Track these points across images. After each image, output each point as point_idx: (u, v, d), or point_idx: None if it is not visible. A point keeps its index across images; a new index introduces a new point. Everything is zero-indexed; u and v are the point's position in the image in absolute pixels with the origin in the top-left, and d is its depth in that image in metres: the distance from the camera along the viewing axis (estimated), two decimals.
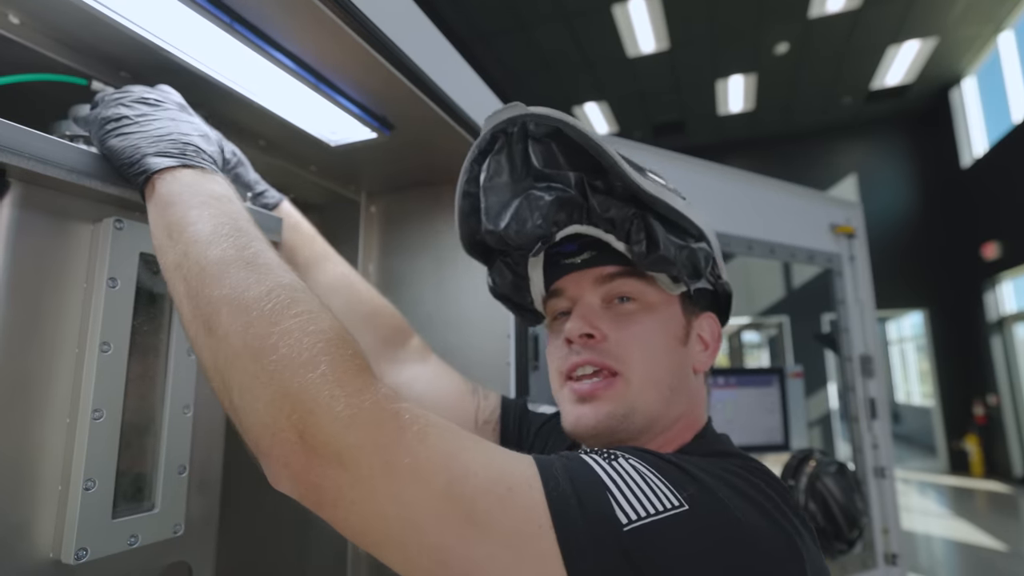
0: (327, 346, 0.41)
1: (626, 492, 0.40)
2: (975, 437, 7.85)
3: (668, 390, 0.58)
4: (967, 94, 8.15)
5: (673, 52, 7.02)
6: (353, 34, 0.71)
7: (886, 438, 1.65)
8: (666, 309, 0.60)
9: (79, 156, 0.53)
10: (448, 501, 0.37)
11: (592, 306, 0.59)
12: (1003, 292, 7.58)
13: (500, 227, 0.55)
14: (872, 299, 1.75)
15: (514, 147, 0.55)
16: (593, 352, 0.57)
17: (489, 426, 0.76)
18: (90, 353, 0.53)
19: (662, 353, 0.58)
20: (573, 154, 0.54)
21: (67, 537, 0.49)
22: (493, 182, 0.56)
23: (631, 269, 0.58)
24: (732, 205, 1.56)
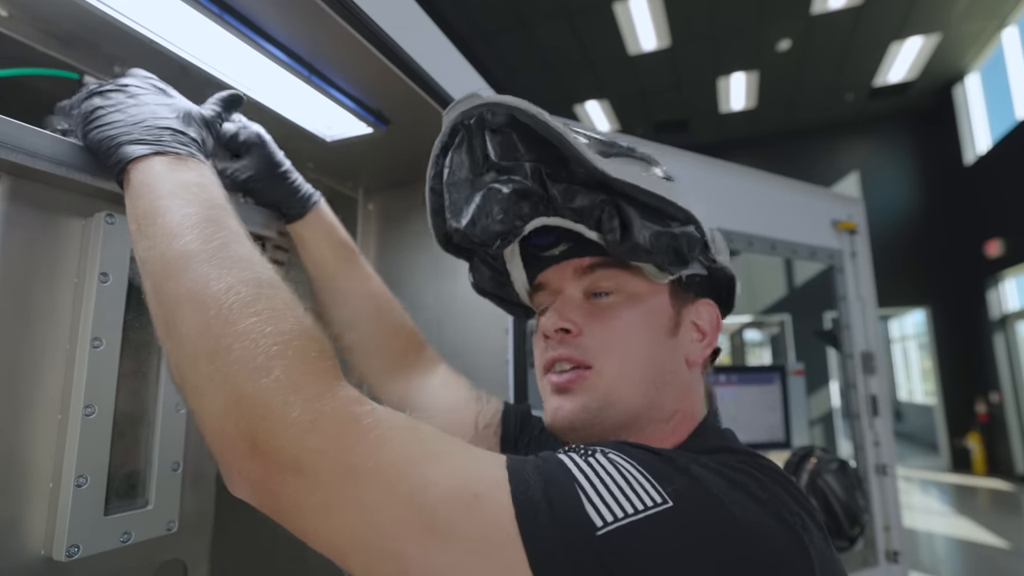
0: (284, 348, 0.40)
1: (601, 491, 0.37)
2: (977, 435, 7.83)
3: (650, 384, 0.54)
4: (970, 91, 8.11)
5: (674, 50, 7.00)
6: (347, 26, 0.70)
7: (888, 435, 1.64)
8: (651, 299, 0.56)
9: (69, 150, 0.53)
10: (410, 508, 0.36)
11: (572, 299, 0.56)
12: (1006, 290, 7.55)
13: (463, 224, 0.52)
14: (874, 296, 1.74)
15: (474, 140, 0.53)
16: (568, 347, 0.55)
17: (490, 430, 0.76)
18: (81, 349, 0.52)
19: (642, 346, 0.55)
20: (534, 142, 0.51)
21: (58, 534, 0.49)
22: (454, 178, 0.54)
23: (612, 259, 0.55)
24: (733, 201, 1.56)
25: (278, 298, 0.43)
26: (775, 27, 6.62)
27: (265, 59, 0.73)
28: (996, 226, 7.42)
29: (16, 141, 0.48)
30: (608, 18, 6.32)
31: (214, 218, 0.47)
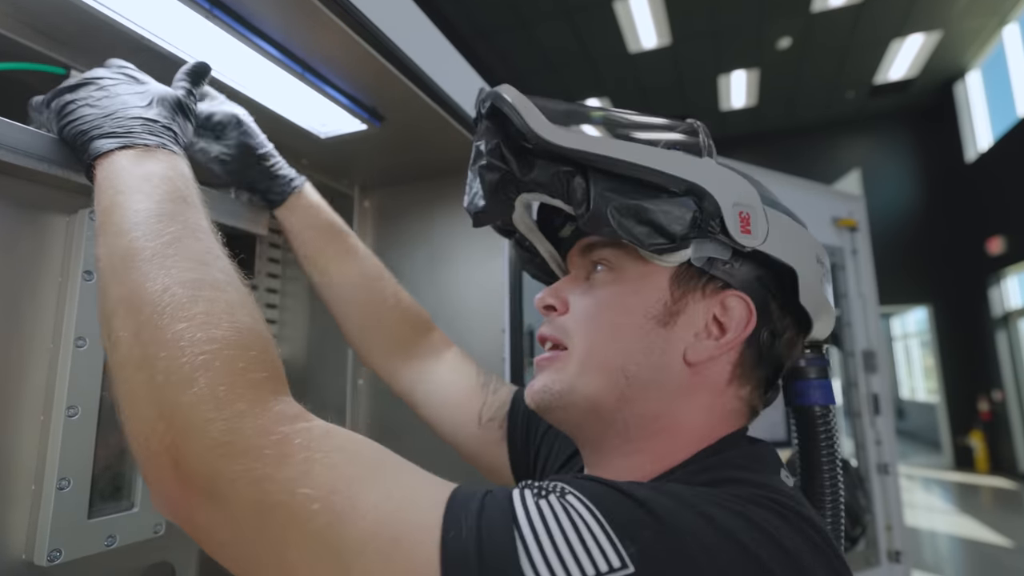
0: (212, 358, 0.36)
1: (544, 545, 0.31)
2: (980, 433, 7.81)
3: (618, 373, 0.48)
4: (971, 88, 8.08)
5: (675, 47, 6.98)
6: (339, 22, 0.69)
7: (889, 434, 1.63)
8: (641, 281, 0.50)
9: (52, 145, 0.52)
10: (324, 548, 0.32)
11: (571, 279, 0.55)
12: (1008, 287, 7.53)
13: (465, 206, 0.53)
14: (875, 293, 1.73)
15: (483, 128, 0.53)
16: (550, 326, 0.53)
17: (494, 423, 0.72)
18: (65, 348, 0.51)
19: (616, 330, 0.49)
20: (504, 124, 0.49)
21: (40, 538, 0.48)
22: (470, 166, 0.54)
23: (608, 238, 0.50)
24: None
25: (219, 300, 0.40)
26: (775, 25, 6.60)
27: (257, 55, 0.72)
28: (998, 223, 7.40)
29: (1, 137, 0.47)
30: (608, 16, 6.31)
31: (168, 212, 0.44)
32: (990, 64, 7.73)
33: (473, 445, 0.73)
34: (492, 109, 0.49)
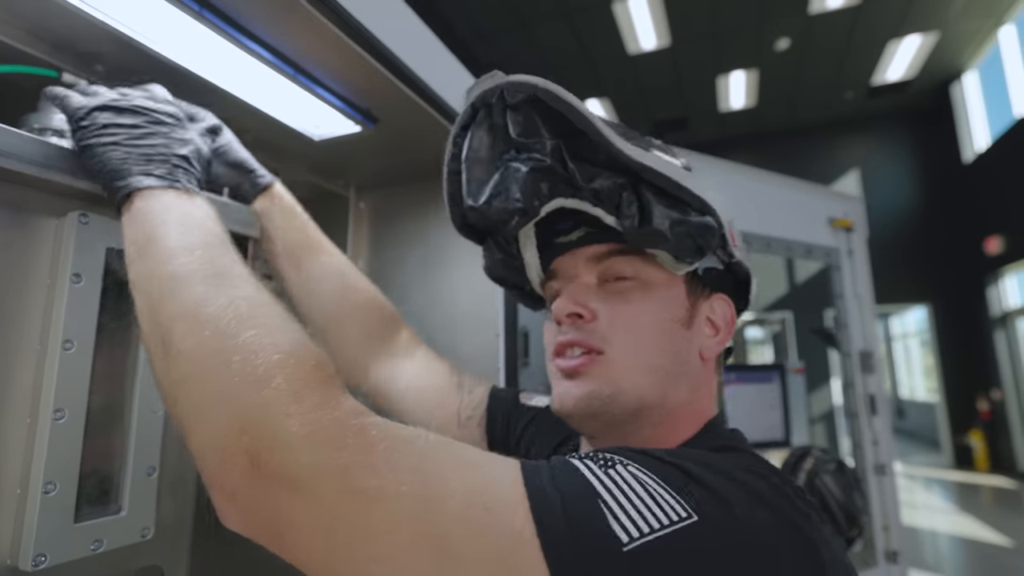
0: (284, 358, 0.39)
1: (625, 505, 0.35)
2: (979, 432, 7.81)
3: (663, 374, 0.52)
4: (968, 89, 8.09)
5: (674, 48, 6.99)
6: (330, 24, 0.69)
7: (886, 434, 1.62)
8: (666, 289, 0.54)
9: (44, 149, 0.51)
10: (418, 528, 0.34)
11: (586, 285, 0.55)
12: (1006, 287, 7.53)
13: (480, 203, 0.51)
14: (871, 294, 1.72)
15: (495, 119, 0.52)
16: (580, 332, 0.53)
17: (473, 421, 0.73)
18: (52, 351, 0.51)
19: (656, 334, 0.53)
20: (555, 121, 0.49)
21: (25, 543, 0.48)
22: (474, 156, 0.52)
23: (629, 246, 0.53)
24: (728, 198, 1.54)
25: (275, 314, 0.43)
26: (774, 26, 6.61)
27: (248, 57, 0.72)
28: (996, 223, 7.40)
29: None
30: (608, 18, 6.31)
31: (213, 244, 0.48)
32: (987, 65, 7.74)
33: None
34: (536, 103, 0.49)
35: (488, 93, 0.51)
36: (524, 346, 1.08)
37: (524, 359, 1.07)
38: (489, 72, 0.54)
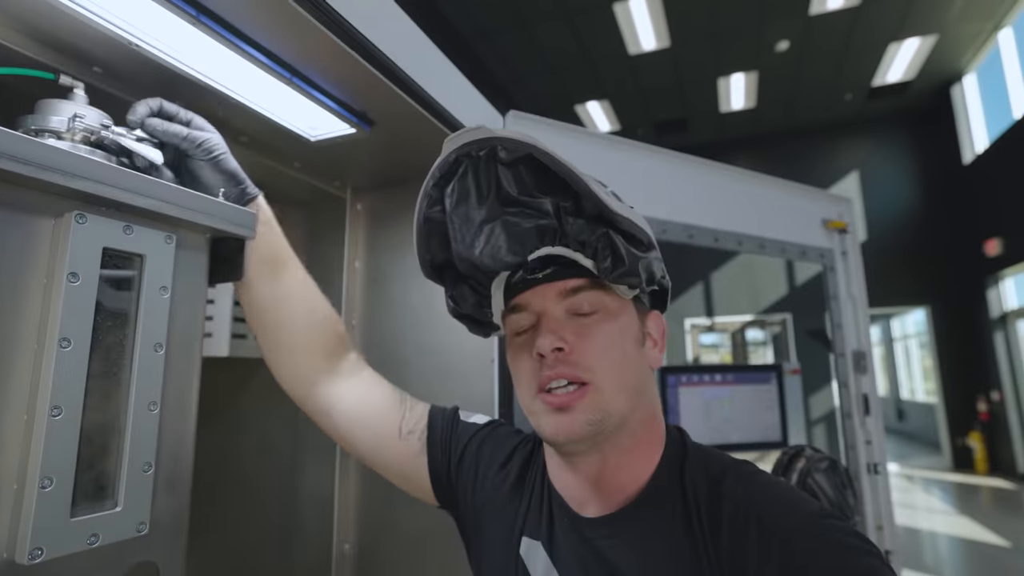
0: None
1: None
2: (979, 434, 7.82)
3: (633, 391, 0.60)
4: (968, 91, 8.10)
5: (674, 49, 7.01)
6: (326, 30, 0.70)
7: (879, 434, 1.63)
8: (624, 315, 0.61)
9: (42, 150, 0.52)
10: None
11: (558, 319, 0.60)
12: (1006, 288, 7.54)
13: (475, 255, 0.56)
14: (865, 295, 1.73)
15: (480, 171, 0.56)
16: (565, 365, 0.58)
17: (413, 436, 0.76)
18: (49, 349, 0.52)
19: (625, 358, 0.60)
20: (540, 176, 0.55)
21: (21, 537, 0.49)
22: (460, 208, 0.57)
23: (592, 281, 0.59)
24: (722, 200, 1.55)
25: None
26: (774, 27, 6.62)
27: (246, 61, 0.73)
28: (995, 225, 7.41)
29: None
30: (608, 18, 6.33)
31: None
32: (986, 67, 7.76)
33: (392, 456, 0.76)
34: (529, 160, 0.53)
35: (478, 145, 0.54)
36: None
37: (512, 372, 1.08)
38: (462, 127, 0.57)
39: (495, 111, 1.15)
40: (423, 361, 1.18)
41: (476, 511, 0.73)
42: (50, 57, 0.72)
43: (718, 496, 0.56)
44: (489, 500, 0.72)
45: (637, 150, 1.51)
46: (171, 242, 0.64)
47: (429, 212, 0.60)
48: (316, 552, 1.14)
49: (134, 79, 0.79)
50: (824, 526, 0.50)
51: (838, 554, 0.47)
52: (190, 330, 0.66)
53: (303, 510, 1.18)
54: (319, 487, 1.18)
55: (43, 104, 0.63)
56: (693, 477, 0.59)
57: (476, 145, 0.54)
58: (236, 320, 1.21)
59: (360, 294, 1.27)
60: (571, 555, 0.62)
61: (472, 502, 0.73)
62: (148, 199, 0.60)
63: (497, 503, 0.71)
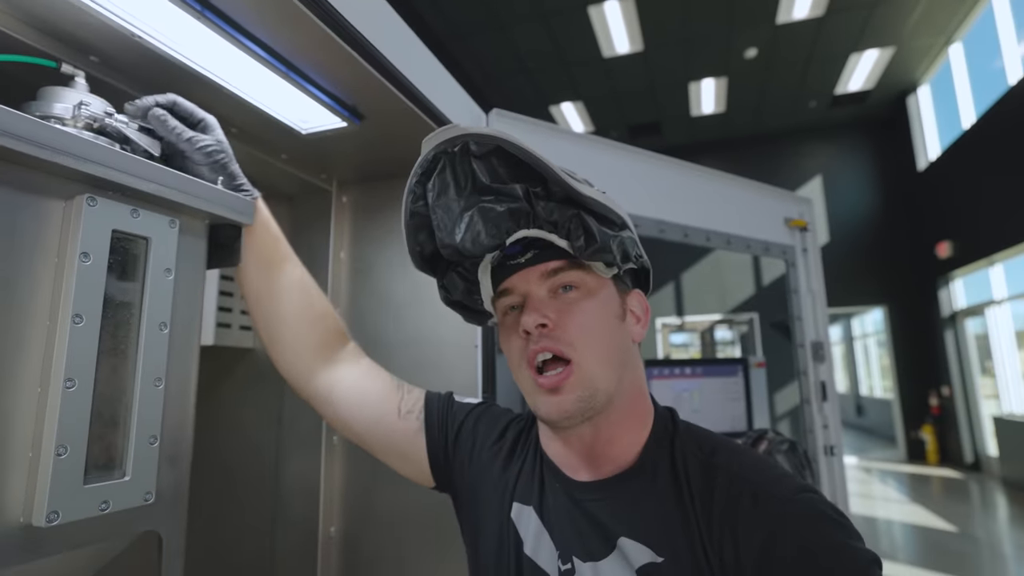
0: None
1: None
2: (930, 427, 8.19)
3: (617, 363, 0.65)
4: (922, 101, 8.49)
5: (647, 53, 7.14)
6: (321, 24, 0.73)
7: (835, 419, 1.74)
8: (603, 291, 0.66)
9: (55, 134, 0.55)
10: None
11: (541, 299, 0.65)
12: (955, 289, 7.92)
13: (456, 240, 0.61)
14: (823, 289, 1.84)
15: (457, 165, 0.62)
16: (548, 339, 0.62)
17: (412, 415, 0.80)
18: (62, 325, 0.54)
19: (606, 332, 0.64)
20: (512, 166, 0.61)
21: (38, 501, 0.51)
22: (441, 200, 0.62)
23: (571, 261, 0.64)
24: (692, 198, 1.63)
25: None
26: (743, 35, 6.81)
27: (243, 54, 0.75)
28: (946, 228, 7.78)
29: (1, 123, 0.50)
30: (583, 21, 6.41)
31: None
32: (938, 79, 8.13)
33: (392, 437, 0.79)
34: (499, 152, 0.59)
35: (451, 142, 0.60)
36: None
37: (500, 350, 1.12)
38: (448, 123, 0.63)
39: (479, 109, 1.20)
40: (407, 351, 1.21)
41: (472, 485, 0.77)
42: (48, 45, 0.73)
43: (711, 468, 0.61)
44: (484, 473, 0.76)
45: (615, 149, 1.57)
46: (174, 226, 0.66)
47: (414, 207, 0.66)
48: (302, 536, 1.17)
49: (131, 69, 0.81)
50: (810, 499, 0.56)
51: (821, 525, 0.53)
52: (190, 312, 0.69)
53: (289, 496, 1.21)
54: (305, 473, 1.21)
55: (46, 91, 0.65)
56: (684, 451, 0.64)
57: (450, 142, 0.60)
58: (221, 309, 1.23)
59: (345, 285, 1.30)
60: (563, 517, 0.67)
61: (468, 476, 0.77)
62: (153, 184, 0.63)
63: (491, 476, 0.75)
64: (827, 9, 6.26)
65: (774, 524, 0.54)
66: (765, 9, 6.29)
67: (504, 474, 0.75)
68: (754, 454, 0.65)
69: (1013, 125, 6.30)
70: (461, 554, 1.09)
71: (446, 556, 1.14)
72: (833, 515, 0.55)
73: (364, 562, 1.19)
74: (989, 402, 7.54)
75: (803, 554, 0.52)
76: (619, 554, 0.61)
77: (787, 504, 0.55)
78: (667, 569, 0.58)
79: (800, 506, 0.55)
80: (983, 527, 5.27)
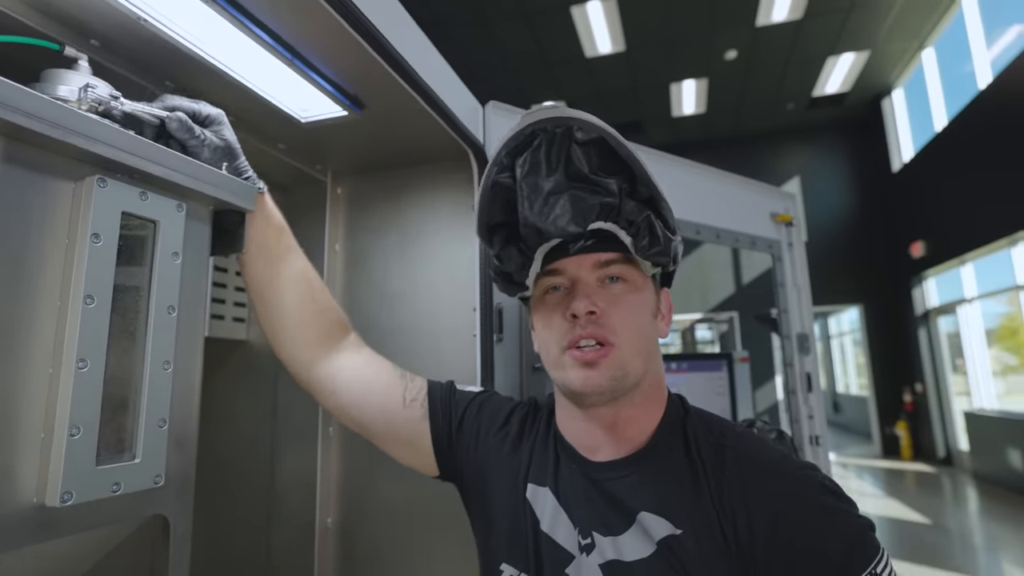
0: None
1: None
2: (904, 423, 8.40)
3: (647, 355, 0.69)
4: (897, 104, 8.71)
5: (629, 54, 7.21)
6: (329, 8, 0.73)
7: (819, 409, 1.78)
8: (646, 289, 0.70)
9: (64, 113, 0.54)
10: None
11: (592, 286, 0.67)
12: (928, 288, 8.14)
13: (542, 222, 0.62)
14: (808, 283, 1.89)
15: (554, 146, 0.62)
16: (595, 326, 0.65)
17: (416, 403, 0.81)
18: (74, 305, 0.54)
19: (644, 326, 0.68)
20: (605, 158, 0.62)
21: (52, 481, 0.51)
22: (530, 178, 0.63)
23: (624, 255, 0.67)
24: (683, 192, 1.66)
25: None
26: (723, 37, 6.92)
27: (249, 40, 0.75)
28: (920, 229, 7.99)
29: (13, 101, 0.50)
30: (566, 20, 6.45)
31: None
32: (912, 83, 8.35)
33: (397, 425, 0.80)
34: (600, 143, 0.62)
35: (556, 122, 0.61)
36: (499, 322, 1.15)
37: (499, 335, 1.13)
38: (548, 102, 0.64)
39: (476, 101, 1.21)
40: (403, 341, 1.22)
41: (480, 471, 0.78)
42: (49, 28, 0.72)
43: (722, 447, 0.65)
44: (492, 458, 0.77)
45: None
46: (181, 211, 0.66)
47: (498, 177, 0.66)
48: (299, 528, 1.16)
49: (132, 54, 0.80)
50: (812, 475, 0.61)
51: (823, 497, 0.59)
52: (196, 297, 0.69)
53: (285, 489, 1.20)
54: (300, 465, 1.20)
55: (51, 73, 0.64)
56: (695, 432, 0.69)
57: (554, 122, 0.61)
58: (214, 301, 1.22)
59: (340, 276, 1.30)
60: (580, 496, 0.69)
61: (476, 462, 0.78)
62: (161, 167, 0.63)
63: (500, 460, 0.77)
64: (805, 12, 6.38)
65: (783, 498, 0.58)
66: (745, 11, 6.39)
67: (514, 457, 0.76)
68: (758, 436, 0.68)
69: (983, 128, 6.50)
70: (459, 545, 1.10)
71: (444, 547, 1.15)
72: (832, 488, 0.60)
73: (361, 554, 1.19)
74: (961, 398, 7.77)
75: (808, 522, 0.57)
76: (639, 527, 0.63)
77: (793, 480, 0.60)
78: (686, 540, 0.61)
79: (804, 481, 0.60)
80: (955, 519, 5.43)
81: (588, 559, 0.65)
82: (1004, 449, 6.26)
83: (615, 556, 0.64)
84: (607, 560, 0.64)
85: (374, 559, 1.18)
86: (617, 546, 0.64)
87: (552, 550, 0.68)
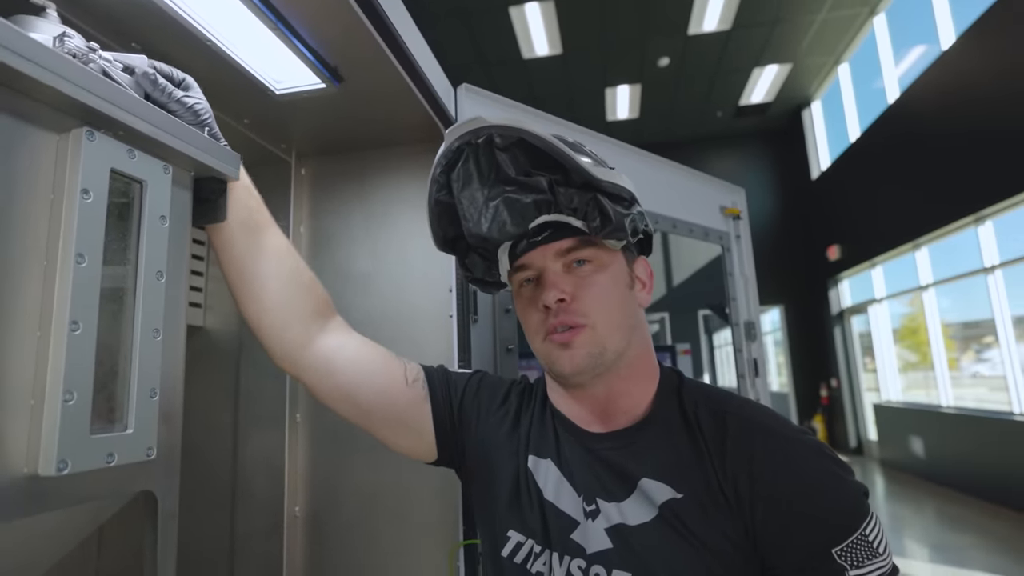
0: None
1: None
2: (821, 416, 9.04)
3: (627, 328, 0.70)
4: (815, 115, 9.39)
5: (566, 56, 7.35)
6: None
7: (766, 394, 1.91)
8: (614, 264, 0.70)
9: (52, 57, 0.50)
10: None
11: (558, 274, 0.69)
12: (843, 289, 8.83)
13: (484, 230, 0.66)
14: (754, 274, 2.01)
15: (480, 156, 0.65)
16: (567, 313, 0.67)
17: (418, 383, 0.79)
18: (64, 265, 0.50)
19: (617, 301, 0.69)
20: (533, 155, 0.64)
21: (46, 449, 0.47)
22: (466, 191, 0.66)
23: (584, 239, 0.68)
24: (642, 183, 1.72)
25: None
26: (656, 44, 7.19)
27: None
28: (836, 233, 8.65)
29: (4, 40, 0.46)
30: (504, 21, 6.49)
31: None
32: (829, 96, 9.04)
33: (400, 405, 0.77)
34: (521, 144, 0.63)
35: (474, 134, 0.64)
36: (474, 303, 1.15)
37: (474, 316, 1.13)
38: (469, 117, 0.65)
39: (448, 83, 1.21)
40: (373, 325, 1.19)
41: (482, 448, 0.78)
42: None
43: (723, 413, 0.67)
44: (492, 437, 0.78)
45: (577, 133, 1.63)
46: (168, 172, 0.63)
47: (438, 196, 0.70)
48: (266, 517, 1.12)
49: (100, 12, 0.75)
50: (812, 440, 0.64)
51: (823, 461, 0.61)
52: (180, 266, 0.66)
53: (250, 476, 1.15)
54: (266, 453, 1.16)
55: (22, 19, 0.59)
56: (693, 400, 0.70)
57: (474, 134, 0.63)
58: None
59: (305, 259, 1.26)
60: (581, 465, 0.70)
61: (478, 440, 0.78)
62: (149, 125, 0.60)
63: (500, 438, 0.77)
64: (733, 24, 6.76)
65: (784, 460, 0.62)
66: (678, 19, 6.68)
67: (514, 434, 0.77)
68: (759, 404, 0.71)
69: (891, 140, 7.13)
70: (429, 531, 1.09)
71: (414, 534, 1.14)
72: (830, 454, 0.63)
73: (330, 541, 1.16)
74: (871, 393, 8.44)
75: (806, 485, 0.60)
76: (640, 493, 0.66)
77: (794, 443, 0.63)
78: (687, 503, 0.63)
79: (805, 445, 0.63)
80: None
81: (594, 524, 0.67)
82: (907, 437, 6.87)
83: (620, 520, 0.65)
84: (612, 524, 0.66)
85: (343, 546, 1.15)
86: (621, 511, 0.66)
87: (557, 518, 0.69)
